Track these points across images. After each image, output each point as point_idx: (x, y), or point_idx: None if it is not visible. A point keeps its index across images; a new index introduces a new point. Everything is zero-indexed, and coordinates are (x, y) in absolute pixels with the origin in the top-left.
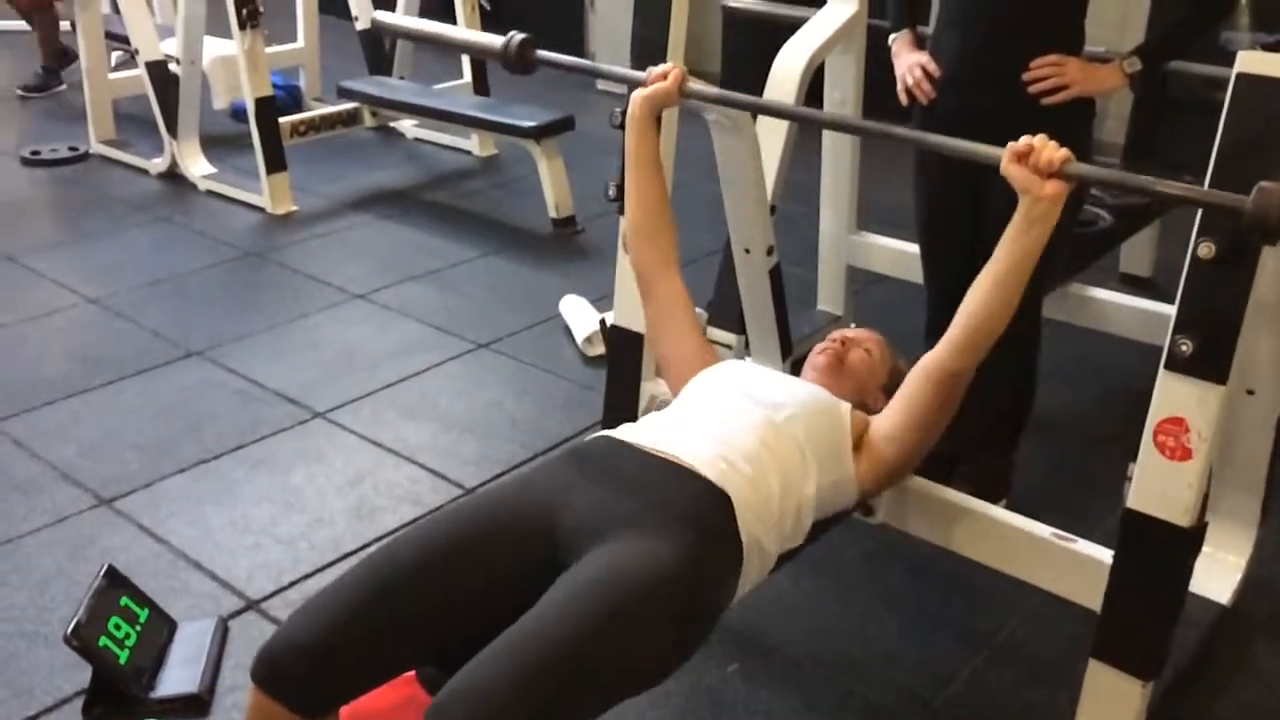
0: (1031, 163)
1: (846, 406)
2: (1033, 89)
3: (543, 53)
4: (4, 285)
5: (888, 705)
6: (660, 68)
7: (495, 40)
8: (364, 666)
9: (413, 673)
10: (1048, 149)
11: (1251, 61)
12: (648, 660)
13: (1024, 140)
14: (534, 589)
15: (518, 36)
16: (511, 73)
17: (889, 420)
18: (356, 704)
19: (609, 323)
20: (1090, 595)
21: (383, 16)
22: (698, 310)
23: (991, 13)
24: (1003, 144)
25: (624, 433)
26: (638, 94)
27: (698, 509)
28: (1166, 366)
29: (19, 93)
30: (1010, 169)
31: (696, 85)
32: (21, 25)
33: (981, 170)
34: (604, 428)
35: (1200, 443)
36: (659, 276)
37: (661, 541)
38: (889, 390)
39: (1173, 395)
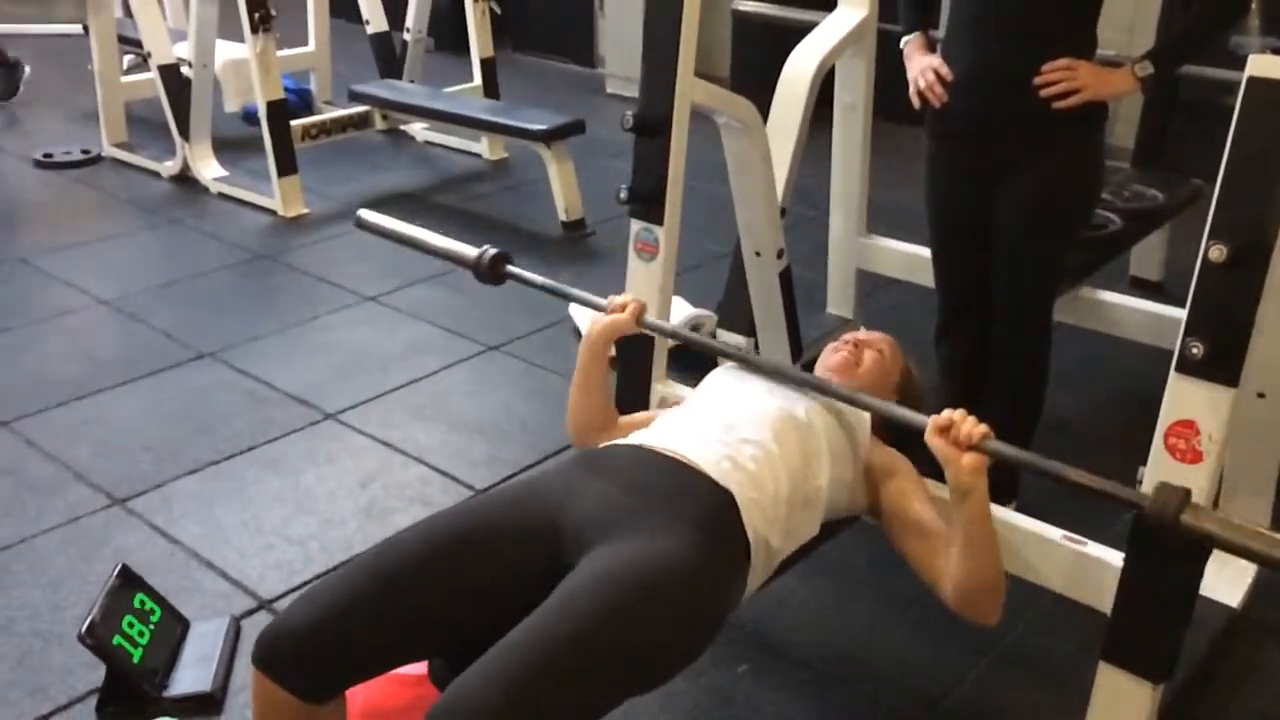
0: (951, 436)
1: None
2: (1044, 93)
3: (511, 268)
4: (17, 287)
5: (897, 707)
6: (620, 299)
7: (470, 251)
8: (361, 654)
9: (425, 672)
10: (967, 424)
11: (1262, 65)
12: (651, 657)
13: (945, 414)
14: (538, 586)
15: (490, 251)
16: (482, 283)
17: (898, 523)
18: (369, 701)
19: None
20: (1100, 597)
21: (366, 215)
22: (706, 312)
23: (1003, 17)
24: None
25: (633, 437)
26: (597, 320)
27: (701, 507)
28: (1177, 369)
29: None
30: (932, 440)
31: (651, 320)
32: (32, 29)
33: (993, 177)
34: None
35: (1211, 445)
36: (607, 438)
37: (665, 539)
38: (901, 391)
39: (1183, 398)
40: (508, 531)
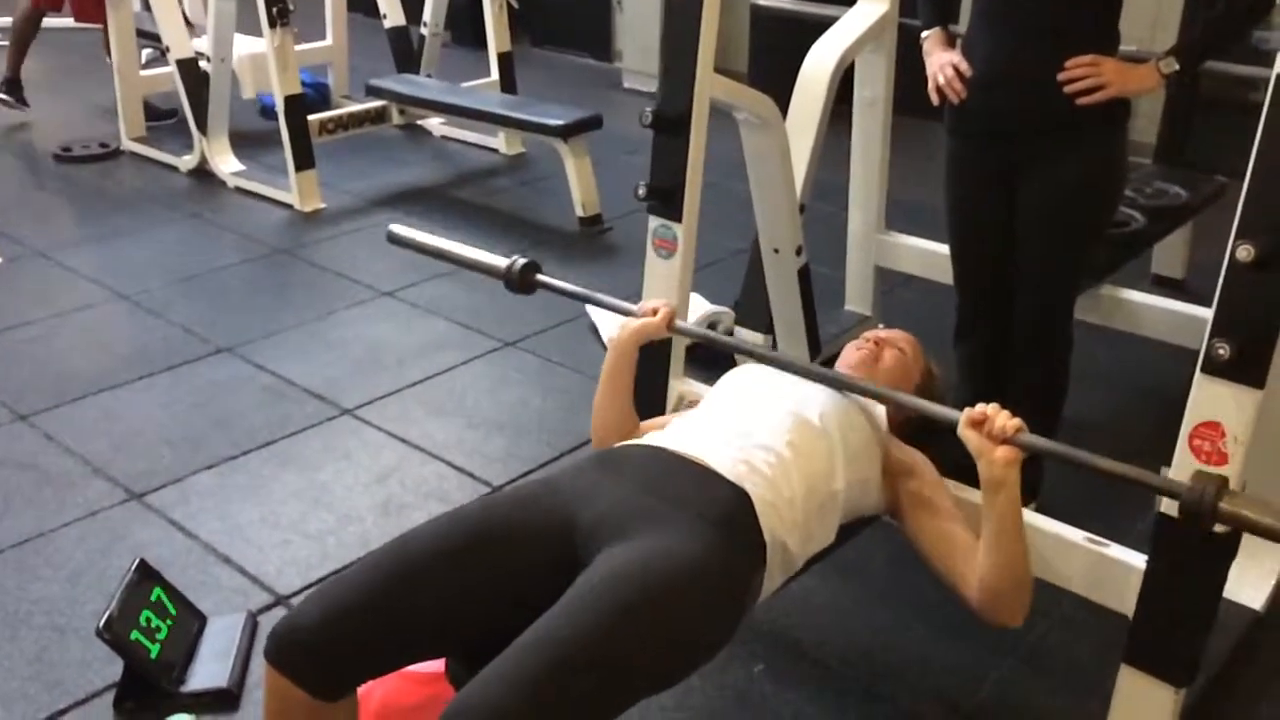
0: (985, 430)
1: (882, 409)
2: (1068, 89)
3: (541, 277)
4: (36, 281)
5: (917, 709)
6: (651, 303)
7: (500, 261)
8: (374, 651)
9: (440, 670)
10: (1000, 417)
11: None
12: (666, 654)
13: (980, 407)
14: (553, 584)
15: (520, 261)
16: (513, 293)
17: (919, 524)
18: (385, 699)
19: None
20: (1122, 600)
21: (397, 229)
22: (724, 309)
23: (1026, 13)
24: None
25: (649, 438)
26: (627, 323)
27: (717, 506)
28: (1203, 370)
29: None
30: (965, 433)
31: (682, 324)
32: (52, 22)
33: (1013, 176)
34: None
35: (1236, 447)
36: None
37: (679, 536)
38: (922, 390)
39: (1209, 399)
40: (523, 529)
